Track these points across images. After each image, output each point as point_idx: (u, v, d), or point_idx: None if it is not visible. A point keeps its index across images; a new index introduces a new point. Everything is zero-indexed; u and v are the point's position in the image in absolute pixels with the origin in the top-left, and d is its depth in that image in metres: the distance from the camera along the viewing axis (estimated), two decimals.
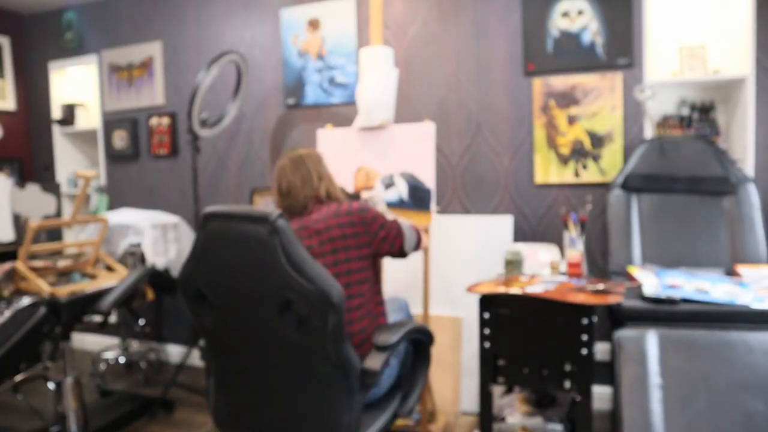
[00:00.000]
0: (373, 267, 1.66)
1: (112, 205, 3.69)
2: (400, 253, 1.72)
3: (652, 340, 1.76)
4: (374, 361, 1.40)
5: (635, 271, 2.05)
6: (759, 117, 2.35)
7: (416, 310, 2.58)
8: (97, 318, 2.26)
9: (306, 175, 1.66)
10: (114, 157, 3.66)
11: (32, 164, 3.98)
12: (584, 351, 1.71)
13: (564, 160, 2.65)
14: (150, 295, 2.54)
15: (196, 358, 3.40)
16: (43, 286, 2.18)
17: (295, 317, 1.29)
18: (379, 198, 2.14)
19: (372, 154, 2.34)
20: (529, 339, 1.78)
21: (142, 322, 3.13)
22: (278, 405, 1.40)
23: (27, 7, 3.80)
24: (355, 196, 2.16)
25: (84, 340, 3.85)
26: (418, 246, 1.80)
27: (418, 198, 2.23)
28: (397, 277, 2.77)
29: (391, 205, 2.29)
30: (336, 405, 1.35)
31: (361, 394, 1.38)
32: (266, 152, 3.25)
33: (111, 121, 3.64)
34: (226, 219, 1.31)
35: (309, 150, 1.76)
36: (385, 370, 1.58)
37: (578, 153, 2.63)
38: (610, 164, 2.57)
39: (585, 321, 1.71)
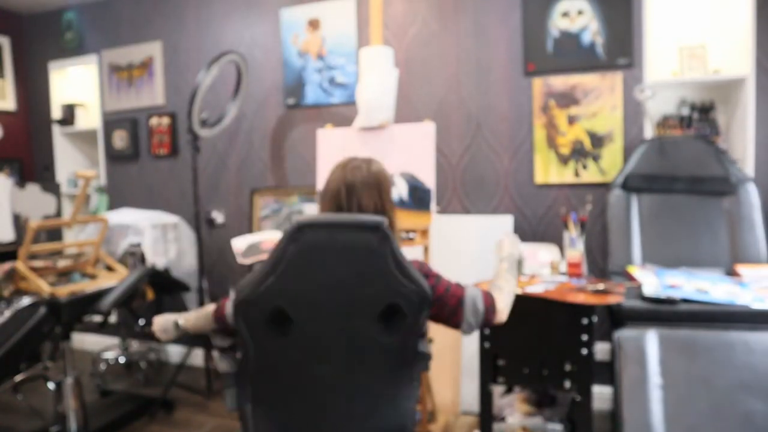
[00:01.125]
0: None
1: (112, 205, 3.69)
2: (458, 327, 1.43)
3: (652, 340, 1.76)
4: (426, 345, 1.44)
5: (635, 271, 2.05)
6: (759, 117, 2.35)
7: None
8: (97, 318, 2.26)
9: (377, 203, 1.43)
10: (114, 157, 3.66)
11: (32, 164, 3.98)
12: (584, 351, 1.71)
13: (564, 160, 2.65)
14: (150, 295, 2.54)
15: (196, 358, 3.40)
16: (43, 286, 2.18)
17: (390, 320, 1.31)
18: (513, 240, 1.67)
19: (372, 154, 2.34)
20: (529, 339, 1.78)
21: (142, 322, 3.13)
22: (347, 409, 1.37)
23: (27, 7, 3.80)
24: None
25: (84, 340, 3.85)
26: (487, 322, 1.42)
27: (418, 198, 2.23)
28: None
29: None
30: (407, 394, 1.39)
31: (419, 380, 1.43)
32: (266, 152, 3.25)
33: (111, 121, 3.64)
34: (327, 228, 1.25)
35: (380, 167, 1.49)
36: None
37: (578, 153, 2.63)
38: (610, 164, 2.57)
39: (585, 321, 1.71)
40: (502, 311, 1.43)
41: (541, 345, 1.76)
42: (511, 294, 1.48)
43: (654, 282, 1.90)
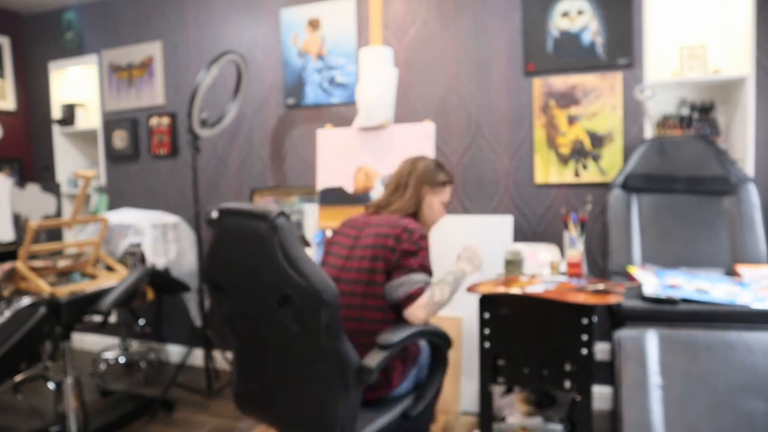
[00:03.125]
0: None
1: (112, 205, 3.69)
2: (397, 303, 1.57)
3: (652, 340, 1.76)
4: (372, 359, 1.41)
5: (635, 271, 2.05)
6: (759, 117, 2.35)
7: None
8: (97, 318, 2.26)
9: (404, 186, 1.77)
10: (114, 157, 3.66)
11: (32, 164, 3.98)
12: (584, 351, 1.71)
13: (564, 160, 2.65)
14: (150, 295, 2.54)
15: (196, 358, 3.40)
16: (43, 286, 2.18)
17: (293, 311, 1.36)
18: (469, 256, 1.87)
19: (372, 154, 2.34)
20: (529, 339, 1.78)
21: (142, 322, 3.13)
22: (286, 390, 1.49)
23: (27, 7, 3.80)
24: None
25: (84, 340, 3.85)
26: (397, 306, 1.58)
27: None
28: None
29: None
30: (333, 397, 1.39)
31: (357, 389, 1.41)
32: (266, 152, 3.25)
33: (111, 121, 3.64)
34: (235, 215, 1.42)
35: (425, 162, 1.82)
36: (397, 373, 1.59)
37: (578, 153, 2.63)
38: (610, 164, 2.57)
39: (585, 321, 1.71)
40: (416, 314, 1.54)
41: (541, 345, 1.76)
42: (438, 305, 1.59)
43: (654, 282, 1.90)
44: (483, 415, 1.87)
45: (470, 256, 1.82)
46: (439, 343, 1.66)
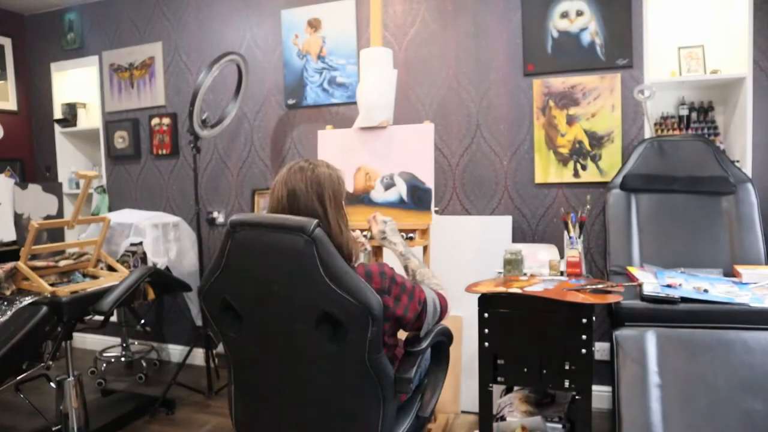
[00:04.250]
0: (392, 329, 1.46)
1: (113, 205, 3.70)
2: (419, 330, 1.48)
3: (651, 339, 1.77)
4: (407, 368, 1.37)
5: (634, 271, 2.06)
6: (757, 117, 2.36)
7: None
8: (98, 317, 2.27)
9: (320, 208, 1.35)
10: (115, 157, 3.67)
11: (34, 164, 3.99)
12: (583, 350, 1.72)
13: (563, 161, 2.66)
14: (151, 294, 2.54)
15: (196, 358, 3.41)
16: (45, 286, 2.18)
17: (331, 329, 1.25)
18: (394, 226, 1.78)
19: (372, 154, 2.35)
20: (528, 338, 1.78)
21: (142, 321, 3.14)
22: (306, 417, 1.37)
23: (28, 8, 3.81)
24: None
25: (85, 340, 3.86)
26: (440, 319, 1.53)
27: (417, 198, 2.24)
28: None
29: (391, 205, 2.30)
30: (370, 414, 1.32)
31: (394, 402, 1.35)
32: (267, 152, 3.26)
33: (112, 122, 3.65)
34: (257, 228, 1.25)
35: (330, 170, 1.40)
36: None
37: (577, 153, 2.64)
38: (610, 164, 2.58)
39: (584, 320, 1.71)
40: (449, 307, 1.54)
41: (540, 344, 1.77)
42: (429, 282, 1.59)
43: (653, 282, 1.90)
44: (483, 414, 1.87)
45: (393, 228, 1.75)
46: (445, 340, 1.64)
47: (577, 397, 1.74)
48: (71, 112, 3.78)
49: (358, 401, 1.31)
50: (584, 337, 1.72)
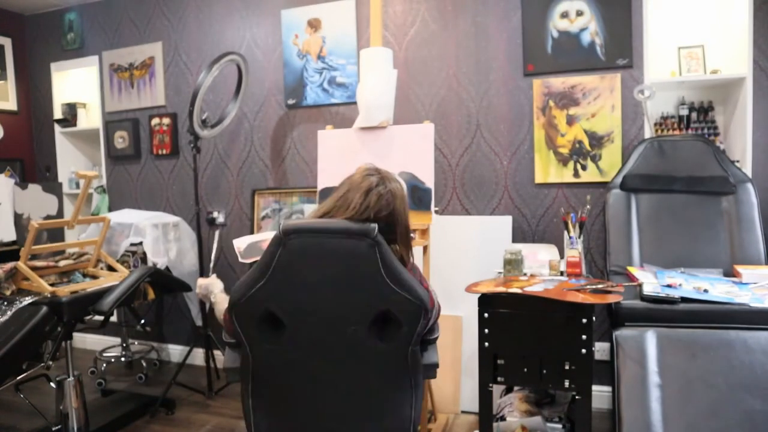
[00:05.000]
0: None
1: (113, 205, 3.70)
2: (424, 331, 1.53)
3: (651, 339, 1.77)
4: (434, 354, 1.47)
5: (634, 271, 2.06)
6: (757, 117, 2.36)
7: None
8: (98, 317, 2.27)
9: (393, 224, 1.40)
10: (115, 157, 3.67)
11: (34, 164, 3.99)
12: (583, 350, 1.72)
13: (563, 161, 2.66)
14: (151, 294, 2.55)
15: (196, 358, 3.41)
16: (45, 286, 2.18)
17: (382, 327, 1.32)
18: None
19: (372, 154, 2.35)
20: (528, 338, 1.78)
21: (142, 321, 3.14)
22: (344, 414, 1.41)
23: (28, 8, 3.81)
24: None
25: (85, 340, 3.86)
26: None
27: (418, 198, 2.24)
28: None
29: None
30: (404, 402, 1.40)
31: (422, 387, 1.44)
32: (267, 152, 3.26)
33: (112, 122, 3.65)
34: (315, 234, 1.27)
35: (400, 186, 1.44)
36: None
37: (577, 153, 2.64)
38: (610, 164, 2.58)
39: (584, 320, 1.71)
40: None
41: (540, 344, 1.77)
42: None
43: (653, 282, 1.90)
44: (483, 414, 1.87)
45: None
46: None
47: (577, 397, 1.75)
48: (71, 112, 3.78)
49: (395, 392, 1.39)
50: (584, 337, 1.72)
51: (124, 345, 3.45)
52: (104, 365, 3.35)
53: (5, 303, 2.14)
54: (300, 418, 1.44)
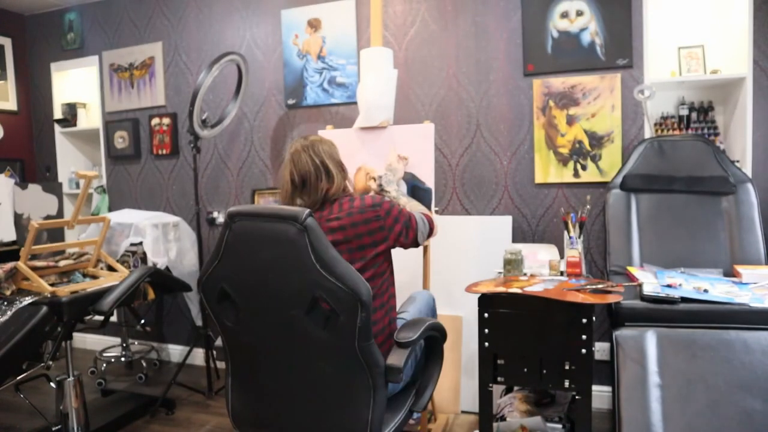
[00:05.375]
0: (388, 259, 1.66)
1: (113, 205, 3.70)
2: (414, 244, 1.71)
3: (651, 339, 1.77)
4: (397, 358, 1.41)
5: (634, 271, 2.06)
6: (757, 117, 2.36)
7: None
8: (98, 317, 2.27)
9: (322, 165, 1.61)
10: (115, 157, 3.67)
11: (34, 164, 3.99)
12: (584, 350, 1.72)
13: (563, 161, 2.66)
14: (151, 294, 2.55)
15: (196, 358, 3.41)
16: (45, 286, 2.19)
17: (322, 316, 1.30)
18: (391, 178, 2.06)
19: (372, 154, 2.35)
20: (528, 338, 1.79)
21: (142, 321, 3.14)
22: (300, 403, 1.42)
23: (28, 8, 3.81)
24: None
25: (85, 340, 3.86)
26: (431, 233, 1.80)
27: (418, 198, 2.24)
28: (397, 275, 2.77)
29: None
30: (360, 402, 1.36)
31: (384, 390, 1.39)
32: (267, 152, 3.26)
33: (112, 122, 3.65)
34: (253, 218, 1.32)
35: (322, 137, 1.71)
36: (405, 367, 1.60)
37: (577, 153, 2.64)
38: (610, 164, 2.58)
39: (584, 320, 1.72)
40: (435, 224, 1.83)
41: (540, 344, 1.77)
42: (423, 218, 1.79)
43: (653, 282, 1.90)
44: (483, 414, 1.88)
45: (389, 179, 2.03)
46: (438, 336, 1.67)
47: (577, 397, 1.75)
48: (71, 112, 3.78)
49: (350, 389, 1.36)
50: (584, 337, 1.72)
51: (124, 345, 3.45)
52: (104, 365, 3.35)
53: (5, 303, 2.14)
54: (267, 401, 1.46)
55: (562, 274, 2.05)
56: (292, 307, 1.31)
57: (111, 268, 2.59)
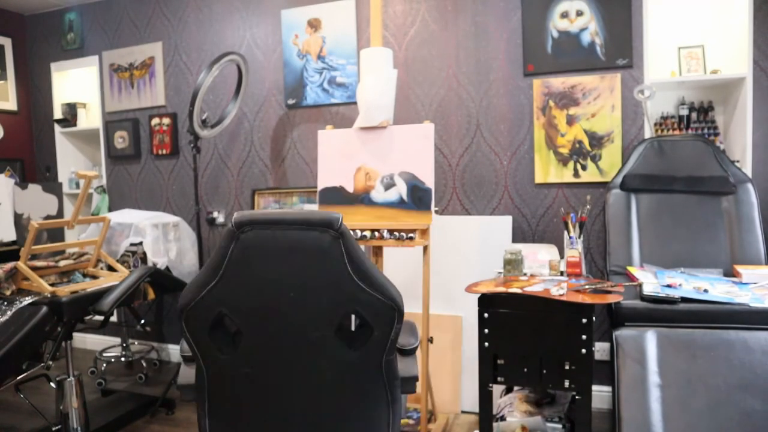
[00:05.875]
0: None
1: (113, 205, 3.70)
2: None
3: (651, 339, 1.77)
4: (410, 367, 1.33)
5: (634, 271, 2.06)
6: (757, 117, 2.36)
7: (416, 309, 2.59)
8: (98, 317, 2.27)
9: None
10: (115, 157, 3.67)
11: (34, 164, 3.99)
12: (583, 350, 1.72)
13: (563, 161, 2.66)
14: (151, 294, 2.55)
15: None
16: (45, 286, 2.19)
17: (350, 334, 1.19)
18: None
19: (372, 154, 2.35)
20: (528, 338, 1.79)
21: (142, 321, 3.15)
22: (321, 425, 1.28)
23: (28, 8, 3.81)
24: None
25: (85, 340, 3.86)
26: None
27: (417, 198, 2.24)
28: (397, 275, 2.78)
29: (391, 205, 2.30)
30: (380, 419, 1.28)
31: (400, 402, 1.32)
32: (267, 152, 3.26)
33: (112, 122, 3.65)
34: (270, 226, 1.10)
35: None
36: None
37: (577, 153, 2.64)
38: (610, 164, 2.58)
39: (584, 320, 1.72)
40: None
41: (540, 344, 1.77)
42: None
43: (653, 282, 1.90)
44: (483, 414, 1.88)
45: None
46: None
47: (577, 397, 1.75)
48: (71, 112, 3.78)
49: (371, 408, 1.26)
50: (584, 337, 1.72)
51: (124, 345, 3.45)
52: (104, 365, 3.35)
53: (5, 303, 2.14)
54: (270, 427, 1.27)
55: (562, 274, 2.05)
56: (317, 328, 1.15)
57: (111, 268, 2.59)
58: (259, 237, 1.10)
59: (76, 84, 3.92)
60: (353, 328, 1.22)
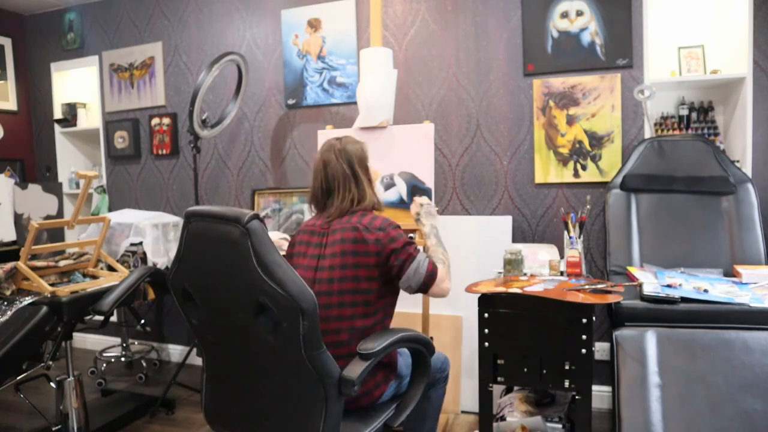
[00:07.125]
0: (383, 286, 1.59)
1: (113, 205, 3.70)
2: (403, 286, 1.61)
3: (651, 339, 1.77)
4: (353, 370, 1.35)
5: (634, 271, 2.06)
6: (757, 117, 2.36)
7: (416, 309, 2.59)
8: (98, 317, 2.27)
9: (351, 177, 1.66)
10: (115, 157, 3.67)
11: (34, 164, 3.99)
12: (583, 350, 1.72)
13: (563, 161, 2.66)
14: (151, 294, 2.55)
15: (196, 358, 3.41)
16: (45, 286, 2.19)
17: (271, 320, 1.28)
18: (432, 212, 1.95)
19: (372, 154, 2.35)
20: (528, 338, 1.78)
21: (142, 321, 3.14)
22: (261, 405, 1.41)
23: (28, 8, 3.81)
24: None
25: (85, 340, 3.86)
26: (427, 287, 1.61)
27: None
28: None
29: (391, 205, 2.30)
30: (312, 411, 1.32)
31: (338, 402, 1.35)
32: (267, 152, 3.26)
33: (112, 122, 3.65)
34: (204, 219, 1.33)
35: (355, 145, 1.70)
36: (376, 384, 1.55)
37: (577, 153, 2.64)
38: (610, 164, 2.58)
39: (584, 320, 1.71)
40: (444, 280, 1.64)
41: (540, 344, 1.77)
42: (449, 266, 1.72)
43: (653, 282, 1.90)
44: (483, 414, 1.88)
45: (429, 211, 1.94)
46: (421, 349, 1.59)
47: (577, 397, 1.75)
48: (71, 112, 3.78)
49: (302, 397, 1.33)
50: (584, 337, 1.72)
51: (124, 345, 3.45)
52: (104, 365, 3.35)
53: (5, 303, 2.14)
54: (233, 400, 1.47)
55: (562, 274, 2.05)
56: (240, 309, 1.30)
57: (111, 268, 2.59)
58: (199, 227, 1.34)
59: (76, 84, 3.92)
60: (271, 317, 1.31)
